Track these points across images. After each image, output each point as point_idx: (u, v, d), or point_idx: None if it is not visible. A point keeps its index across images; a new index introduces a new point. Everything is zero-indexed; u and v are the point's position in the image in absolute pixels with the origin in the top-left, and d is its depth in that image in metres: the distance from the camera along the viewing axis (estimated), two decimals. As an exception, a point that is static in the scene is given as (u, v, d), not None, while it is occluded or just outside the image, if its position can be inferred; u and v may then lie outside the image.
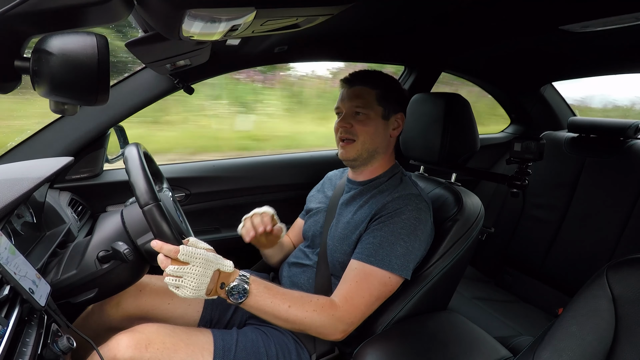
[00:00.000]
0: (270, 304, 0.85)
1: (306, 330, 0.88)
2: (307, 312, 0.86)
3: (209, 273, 0.78)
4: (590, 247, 1.61)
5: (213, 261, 0.80)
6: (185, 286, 0.76)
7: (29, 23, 0.48)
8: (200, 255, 0.77)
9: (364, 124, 1.02)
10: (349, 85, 1.06)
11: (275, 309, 0.85)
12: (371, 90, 1.03)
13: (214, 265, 0.80)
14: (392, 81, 1.08)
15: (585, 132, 1.77)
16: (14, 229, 0.86)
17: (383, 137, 1.05)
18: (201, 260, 0.77)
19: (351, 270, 0.94)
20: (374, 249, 0.93)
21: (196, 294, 0.77)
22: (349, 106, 1.04)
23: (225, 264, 0.83)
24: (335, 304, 0.89)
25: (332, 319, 0.87)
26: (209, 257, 0.79)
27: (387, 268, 0.91)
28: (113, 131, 1.41)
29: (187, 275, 0.76)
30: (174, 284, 0.76)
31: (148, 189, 0.80)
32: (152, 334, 0.84)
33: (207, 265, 0.78)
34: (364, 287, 0.91)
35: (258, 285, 0.86)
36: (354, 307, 0.89)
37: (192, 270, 0.76)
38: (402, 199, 0.97)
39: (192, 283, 0.76)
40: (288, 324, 0.87)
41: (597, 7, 0.97)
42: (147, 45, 0.81)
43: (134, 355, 0.80)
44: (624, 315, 0.62)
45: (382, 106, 1.03)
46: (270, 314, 0.85)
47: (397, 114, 1.07)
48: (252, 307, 0.85)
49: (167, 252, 0.76)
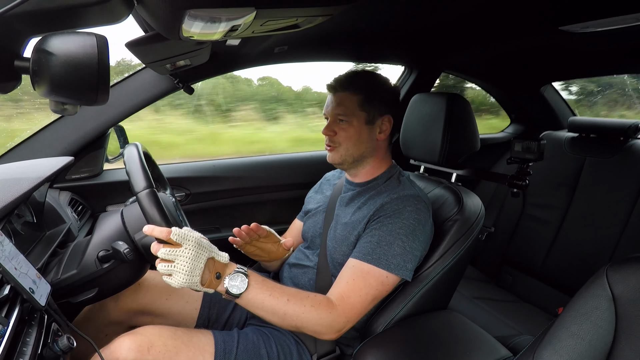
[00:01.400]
0: (269, 297, 0.82)
1: (302, 327, 0.85)
2: (305, 307, 0.84)
3: (202, 258, 0.76)
4: (590, 247, 1.61)
5: (207, 247, 0.78)
6: (178, 271, 0.73)
7: (29, 23, 0.49)
8: (193, 238, 0.75)
9: (345, 131, 1.02)
10: (333, 91, 1.05)
11: (274, 303, 0.82)
12: (353, 96, 1.01)
13: (208, 251, 0.77)
14: (377, 83, 1.05)
15: (585, 132, 1.77)
16: (14, 229, 0.86)
17: (368, 142, 1.04)
18: (194, 243, 0.75)
19: (348, 269, 0.93)
20: (371, 247, 0.92)
21: (189, 280, 0.73)
22: (332, 113, 1.04)
23: (221, 254, 0.80)
24: (331, 303, 0.87)
25: (328, 317, 0.85)
26: (202, 242, 0.77)
27: (384, 267, 0.91)
28: (113, 131, 1.42)
29: (179, 258, 0.73)
30: (166, 269, 0.73)
31: (143, 176, 0.81)
32: (154, 336, 0.84)
33: (200, 248, 0.76)
34: (360, 286, 0.90)
35: (256, 278, 0.83)
36: (350, 306, 0.88)
37: (184, 253, 0.73)
38: (400, 200, 0.97)
39: (184, 267, 0.73)
40: (285, 321, 0.84)
41: (597, 8, 0.97)
42: (147, 45, 0.81)
43: (136, 357, 0.80)
44: (624, 315, 0.62)
45: (365, 111, 1.02)
46: (269, 308, 0.82)
47: (384, 117, 1.04)
48: (250, 300, 0.81)
49: (159, 234, 0.74)
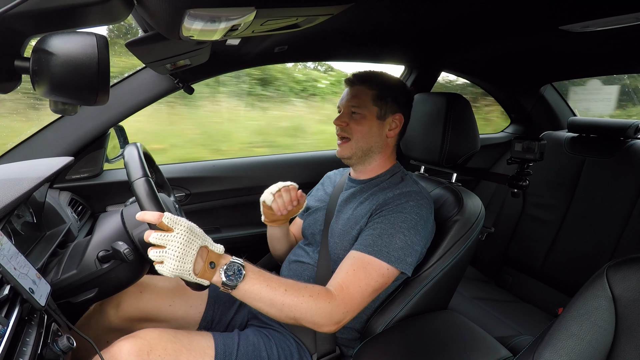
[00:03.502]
0: (266, 287, 0.80)
1: (300, 318, 0.82)
2: (304, 297, 0.82)
3: (194, 244, 0.74)
4: (590, 247, 1.61)
5: (199, 235, 0.76)
6: (169, 256, 0.71)
7: (29, 23, 0.49)
8: (185, 223, 0.75)
9: (358, 123, 1.05)
10: (350, 84, 1.09)
11: (272, 293, 0.80)
12: (368, 90, 1.05)
13: (200, 238, 0.76)
14: (392, 82, 1.08)
15: (585, 132, 1.77)
16: (14, 229, 0.86)
17: (378, 137, 1.06)
18: (185, 228, 0.74)
19: (348, 260, 0.92)
20: (372, 239, 0.92)
21: (180, 266, 0.72)
22: (346, 105, 1.07)
23: (215, 245, 0.79)
24: (330, 293, 0.86)
25: (327, 307, 0.83)
26: (194, 229, 0.76)
27: (385, 259, 0.90)
28: (113, 131, 1.41)
29: (171, 243, 0.72)
30: (157, 256, 0.72)
31: (139, 165, 0.82)
32: (154, 339, 0.83)
33: (192, 234, 0.74)
34: (360, 277, 0.89)
35: (252, 269, 0.82)
36: (349, 297, 0.86)
37: (175, 238, 0.72)
38: (403, 195, 0.98)
39: (175, 252, 0.71)
40: (283, 312, 0.81)
41: (597, 7, 0.97)
42: (147, 45, 0.81)
43: None
44: (624, 315, 0.62)
45: (378, 106, 1.05)
46: (267, 299, 0.80)
47: (395, 115, 1.07)
48: (247, 291, 0.79)
49: (151, 218, 0.73)
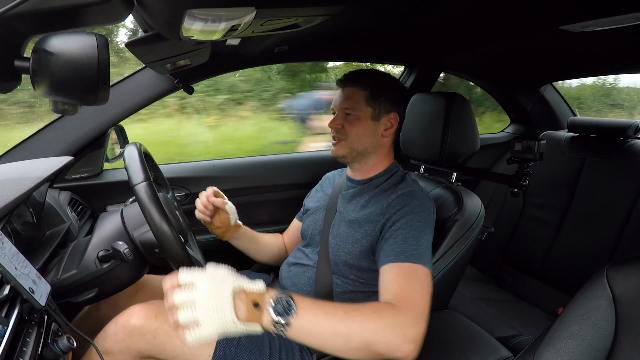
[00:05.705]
0: (324, 315, 0.67)
1: (373, 342, 0.68)
2: (367, 314, 0.69)
3: (226, 287, 0.63)
4: (590, 247, 1.61)
5: (224, 275, 0.65)
6: (204, 311, 0.60)
7: (29, 23, 0.49)
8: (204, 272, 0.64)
9: (352, 125, 1.04)
10: (342, 85, 1.08)
11: (332, 321, 0.67)
12: (360, 91, 1.04)
13: (229, 280, 0.64)
14: (384, 81, 1.07)
15: (585, 132, 1.77)
16: (14, 229, 0.86)
17: (372, 138, 1.06)
18: (206, 276, 0.63)
19: (389, 273, 0.84)
20: (400, 247, 0.88)
21: (221, 317, 0.60)
22: (340, 107, 1.07)
23: (253, 282, 0.66)
24: (392, 305, 0.74)
25: (395, 319, 0.71)
26: (215, 272, 0.64)
27: (418, 261, 0.85)
28: (113, 131, 1.42)
29: (199, 299, 0.60)
30: (191, 317, 0.60)
31: (141, 169, 0.81)
32: (162, 307, 0.88)
33: (217, 279, 0.63)
34: (411, 281, 0.80)
35: (302, 297, 0.68)
36: (413, 304, 0.75)
37: (202, 287, 0.61)
38: (407, 196, 0.97)
39: (209, 303, 0.60)
40: (351, 342, 0.68)
41: (597, 7, 0.97)
42: (147, 45, 0.81)
43: (144, 323, 0.86)
44: (624, 315, 0.62)
45: (371, 107, 1.04)
46: (328, 328, 0.67)
47: (390, 114, 1.06)
48: (304, 326, 0.65)
49: (169, 284, 0.63)
